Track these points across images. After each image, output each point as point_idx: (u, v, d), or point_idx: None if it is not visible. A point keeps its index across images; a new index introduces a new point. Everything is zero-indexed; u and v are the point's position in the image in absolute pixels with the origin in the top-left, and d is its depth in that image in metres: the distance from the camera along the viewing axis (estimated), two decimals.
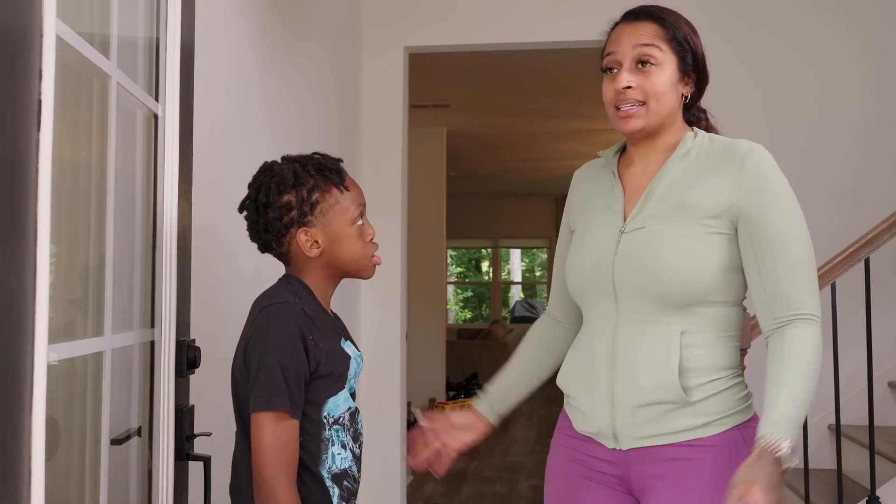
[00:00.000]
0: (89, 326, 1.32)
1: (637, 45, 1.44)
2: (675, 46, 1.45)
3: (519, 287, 13.96)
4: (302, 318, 1.39)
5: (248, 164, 2.34)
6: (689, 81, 1.49)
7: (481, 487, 4.99)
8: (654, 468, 1.41)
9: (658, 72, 1.43)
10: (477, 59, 5.02)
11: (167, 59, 1.48)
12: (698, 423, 1.39)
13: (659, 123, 1.46)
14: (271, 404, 1.34)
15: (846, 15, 3.59)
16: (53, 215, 0.93)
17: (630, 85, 1.43)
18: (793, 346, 1.36)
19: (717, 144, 1.47)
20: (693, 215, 1.40)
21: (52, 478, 1.20)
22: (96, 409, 1.30)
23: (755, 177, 1.40)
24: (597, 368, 1.46)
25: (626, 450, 1.43)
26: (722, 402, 1.41)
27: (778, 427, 1.31)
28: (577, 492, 1.49)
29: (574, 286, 1.53)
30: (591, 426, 1.47)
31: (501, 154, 8.64)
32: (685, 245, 1.39)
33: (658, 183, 1.46)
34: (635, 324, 1.42)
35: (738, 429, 1.41)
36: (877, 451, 2.73)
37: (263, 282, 1.48)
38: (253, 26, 2.39)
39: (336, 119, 3.42)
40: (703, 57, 1.50)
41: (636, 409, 1.40)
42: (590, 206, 1.56)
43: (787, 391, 1.33)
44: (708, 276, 1.39)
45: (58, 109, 0.94)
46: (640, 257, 1.41)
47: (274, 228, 1.45)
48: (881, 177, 3.46)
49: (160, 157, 1.49)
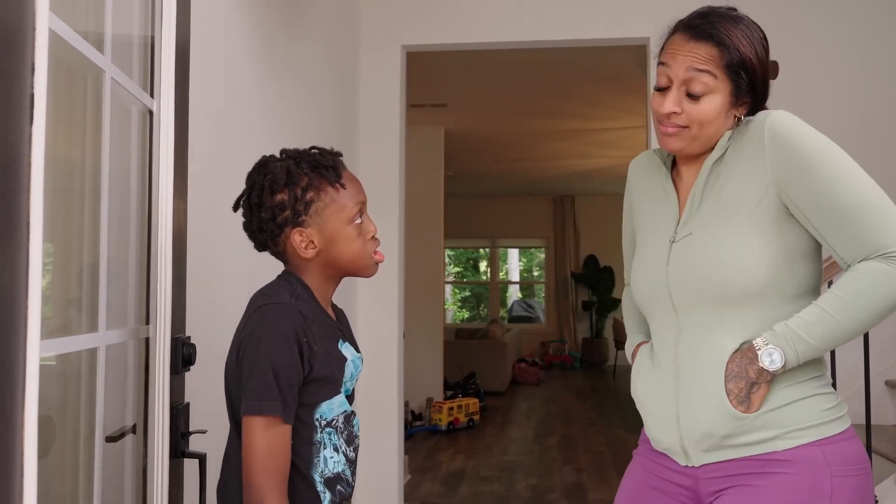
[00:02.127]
0: (83, 322, 1.32)
1: (690, 68, 1.35)
2: (731, 74, 1.35)
3: (517, 287, 13.96)
4: (298, 320, 1.35)
5: (245, 162, 2.34)
6: (745, 104, 1.40)
7: (479, 487, 4.99)
8: (724, 481, 1.35)
9: (708, 100, 1.36)
10: (475, 58, 5.02)
11: (162, 55, 1.47)
12: (768, 437, 1.30)
13: (700, 147, 1.41)
14: (262, 409, 1.30)
15: (840, 15, 3.60)
16: (47, 211, 0.92)
17: (675, 111, 1.37)
18: (850, 274, 1.28)
19: (746, 126, 1.39)
20: (736, 211, 1.34)
21: (46, 475, 1.19)
22: (91, 406, 1.29)
23: (776, 144, 1.32)
24: (662, 384, 1.41)
25: (698, 466, 1.38)
26: (798, 413, 1.30)
27: (776, 335, 1.28)
28: (645, 499, 1.46)
29: (638, 300, 1.50)
30: (661, 443, 1.43)
31: (499, 154, 8.64)
32: (732, 245, 1.33)
33: (700, 186, 1.41)
34: (697, 336, 1.36)
35: (819, 445, 1.29)
36: (874, 450, 2.73)
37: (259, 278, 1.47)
38: (250, 24, 2.38)
39: (333, 118, 3.42)
40: (763, 75, 1.38)
41: (701, 434, 1.35)
42: (646, 210, 1.53)
43: (813, 310, 1.28)
44: (763, 269, 1.31)
45: (51, 104, 0.94)
46: (692, 263, 1.37)
47: (268, 228, 1.41)
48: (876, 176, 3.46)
49: (155, 152, 1.48)
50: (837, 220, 1.29)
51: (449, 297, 13.97)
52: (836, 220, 1.29)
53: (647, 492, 1.45)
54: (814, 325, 1.28)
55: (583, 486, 4.97)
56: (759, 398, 1.30)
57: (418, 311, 6.70)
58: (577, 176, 10.12)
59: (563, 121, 7.05)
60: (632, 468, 1.52)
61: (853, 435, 1.35)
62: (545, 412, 7.79)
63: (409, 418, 6.59)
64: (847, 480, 1.28)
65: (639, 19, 3.67)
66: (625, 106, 6.38)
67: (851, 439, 1.33)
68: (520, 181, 10.77)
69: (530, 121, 7.07)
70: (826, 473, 1.27)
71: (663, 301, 1.41)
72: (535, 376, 9.86)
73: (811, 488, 1.27)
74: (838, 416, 1.33)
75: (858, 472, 1.30)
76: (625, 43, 3.78)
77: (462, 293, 14.62)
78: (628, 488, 1.51)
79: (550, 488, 4.92)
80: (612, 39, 3.77)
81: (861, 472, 1.31)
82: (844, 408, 1.36)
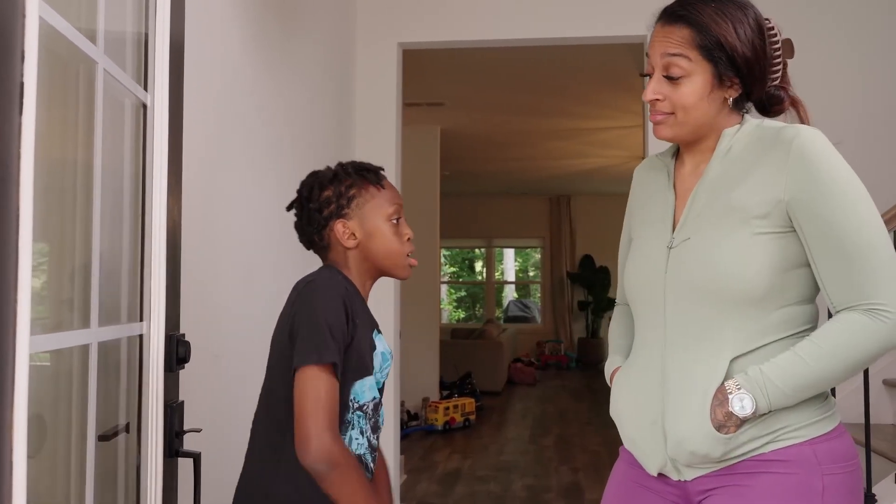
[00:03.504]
0: (75, 319, 1.30)
1: (665, 54, 1.34)
2: (706, 54, 1.32)
3: (513, 287, 13.95)
4: (346, 290, 1.46)
5: (240, 158, 2.32)
6: (733, 84, 1.35)
7: (475, 487, 4.97)
8: (714, 481, 1.32)
9: (687, 83, 1.33)
10: (471, 56, 5.00)
11: (156, 47, 1.45)
12: (758, 444, 1.28)
13: (691, 132, 1.38)
14: (322, 358, 1.37)
15: (838, 16, 3.59)
16: (37, 204, 0.90)
17: (657, 97, 1.36)
18: (832, 324, 1.25)
19: (766, 133, 1.34)
20: (740, 217, 1.30)
21: (38, 475, 1.17)
22: (83, 405, 1.27)
23: (800, 165, 1.27)
24: (648, 398, 1.36)
25: (690, 480, 1.34)
26: (789, 416, 1.28)
27: (749, 380, 1.25)
28: (633, 498, 1.42)
29: (631, 301, 1.47)
30: (652, 467, 1.37)
31: (495, 153, 8.63)
32: (731, 250, 1.29)
33: (701, 186, 1.37)
34: (683, 349, 1.33)
35: (811, 444, 1.28)
36: (873, 449, 2.72)
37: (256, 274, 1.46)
38: (246, 21, 2.36)
39: (329, 115, 3.40)
40: (747, 53, 1.33)
41: (688, 455, 1.31)
42: (644, 213, 1.50)
43: (789, 357, 1.25)
44: (760, 280, 1.28)
45: (42, 95, 0.92)
46: (691, 268, 1.33)
47: (315, 221, 1.54)
48: (874, 176, 3.45)
49: (149, 147, 1.46)
50: (837, 258, 1.26)
51: (445, 297, 13.95)
52: (835, 258, 1.26)
53: (634, 488, 1.43)
54: (789, 372, 1.25)
55: (579, 486, 4.96)
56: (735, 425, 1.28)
57: (414, 311, 6.68)
58: (573, 175, 10.12)
59: (560, 120, 7.04)
60: (619, 464, 1.50)
61: (843, 432, 1.33)
62: (541, 412, 7.78)
63: (405, 418, 6.57)
64: (838, 478, 1.27)
65: (635, 17, 3.64)
66: (621, 105, 6.37)
67: (841, 436, 1.32)
68: (516, 181, 10.76)
69: (526, 120, 7.06)
70: (817, 472, 1.26)
71: (656, 307, 1.38)
72: (531, 376, 9.85)
73: (803, 487, 1.26)
74: (827, 415, 1.31)
75: (848, 469, 1.29)
76: (621, 41, 3.77)
77: (458, 293, 14.61)
78: (616, 485, 1.48)
79: (547, 488, 4.91)
80: (608, 38, 3.75)
81: (851, 468, 1.30)
82: (834, 405, 1.34)
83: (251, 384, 2.35)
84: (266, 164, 2.56)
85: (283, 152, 2.75)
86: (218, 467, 1.83)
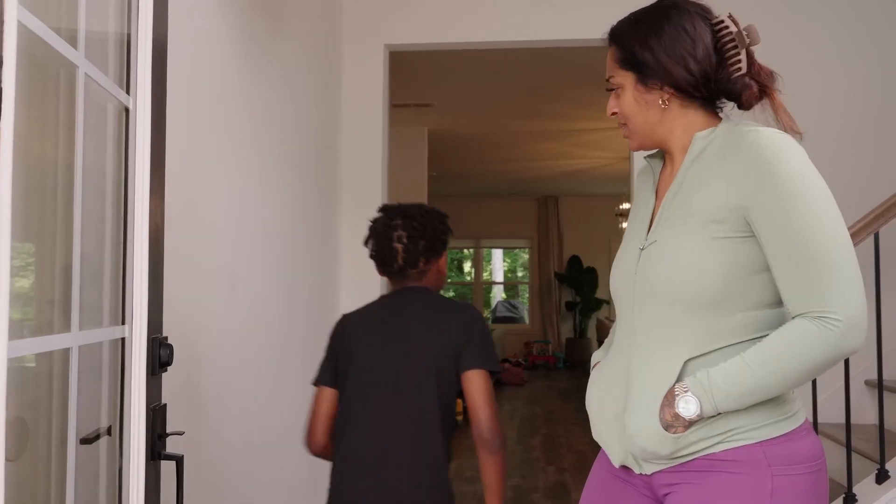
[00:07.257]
0: (56, 323, 1.29)
1: (607, 73, 1.49)
2: (625, 66, 1.44)
3: (501, 287, 13.96)
4: None
5: (224, 160, 2.32)
6: (663, 87, 1.39)
7: (462, 487, 4.98)
8: (674, 477, 1.36)
9: (623, 94, 1.46)
10: (458, 58, 5.01)
11: (139, 51, 1.45)
12: (707, 445, 1.31)
13: (646, 139, 1.47)
14: (495, 366, 1.90)
15: (833, 16, 3.62)
16: (17, 207, 0.90)
17: (613, 111, 1.50)
18: (781, 331, 1.26)
19: (734, 136, 1.34)
20: (699, 220, 1.32)
21: (18, 478, 1.17)
22: (64, 408, 1.27)
23: (756, 171, 1.27)
24: (613, 396, 1.41)
25: (649, 475, 1.38)
26: (741, 417, 1.29)
27: (696, 383, 1.28)
28: (609, 490, 1.48)
29: (612, 299, 1.54)
30: (615, 459, 1.42)
31: (483, 154, 8.64)
32: (687, 253, 1.32)
33: (671, 190, 1.41)
34: (646, 347, 1.36)
35: (762, 445, 1.29)
36: (854, 449, 2.74)
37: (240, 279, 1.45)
38: (231, 22, 2.36)
39: (315, 117, 3.40)
40: (662, 59, 1.37)
41: (639, 450, 1.36)
42: (632, 215, 1.56)
43: (737, 362, 1.26)
44: (715, 283, 1.29)
45: (21, 100, 0.92)
46: (649, 272, 1.38)
47: (437, 248, 2.00)
48: (866, 175, 3.48)
49: (132, 150, 1.46)
50: (790, 265, 1.26)
51: None
52: (789, 264, 1.26)
53: (612, 481, 1.48)
54: (735, 377, 1.26)
55: (566, 486, 4.97)
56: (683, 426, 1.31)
57: None
58: (561, 176, 10.14)
59: (547, 121, 7.06)
60: (601, 454, 1.54)
61: (806, 433, 1.33)
62: (529, 412, 7.80)
63: None
64: (791, 479, 1.28)
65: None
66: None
67: (804, 438, 1.32)
68: (504, 181, 10.78)
69: (514, 121, 7.07)
70: (767, 473, 1.27)
71: (627, 305, 1.43)
72: (518, 377, 9.86)
73: (751, 487, 1.27)
74: (784, 417, 1.32)
75: (809, 470, 1.30)
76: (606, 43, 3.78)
77: (446, 294, 14.62)
78: (597, 475, 1.53)
79: (534, 488, 4.92)
80: (596, 40, 3.75)
81: (812, 469, 1.30)
82: (797, 408, 1.35)
83: (235, 386, 2.35)
84: (251, 167, 2.56)
85: (269, 154, 2.75)
86: (200, 470, 1.83)
